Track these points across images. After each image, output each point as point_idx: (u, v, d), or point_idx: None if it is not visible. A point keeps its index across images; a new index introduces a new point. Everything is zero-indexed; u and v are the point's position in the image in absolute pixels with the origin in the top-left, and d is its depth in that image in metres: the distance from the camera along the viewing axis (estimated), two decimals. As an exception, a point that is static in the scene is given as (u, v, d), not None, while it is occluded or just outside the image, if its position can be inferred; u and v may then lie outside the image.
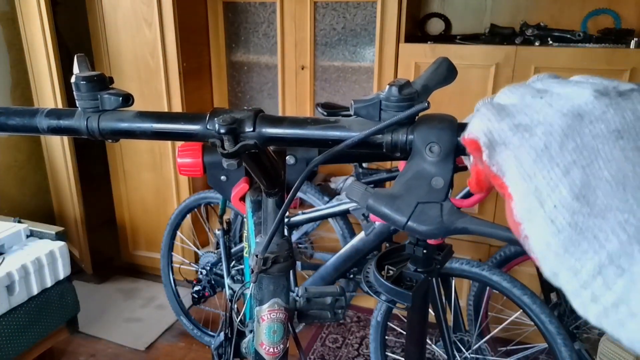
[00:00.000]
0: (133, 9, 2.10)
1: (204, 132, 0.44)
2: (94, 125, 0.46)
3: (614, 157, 0.24)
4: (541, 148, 0.25)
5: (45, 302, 1.76)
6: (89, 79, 0.46)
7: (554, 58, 1.76)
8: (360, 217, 1.59)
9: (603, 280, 0.23)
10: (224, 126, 0.42)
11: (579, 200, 0.23)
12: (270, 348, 0.55)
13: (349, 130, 0.41)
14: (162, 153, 2.30)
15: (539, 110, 0.26)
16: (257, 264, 0.51)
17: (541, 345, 1.60)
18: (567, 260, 0.24)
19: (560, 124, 0.25)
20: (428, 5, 2.22)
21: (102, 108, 0.46)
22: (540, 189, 0.24)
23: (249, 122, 0.43)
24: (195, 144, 0.70)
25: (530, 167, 0.25)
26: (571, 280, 0.24)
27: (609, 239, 0.23)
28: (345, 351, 2.04)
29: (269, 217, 0.54)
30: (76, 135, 0.48)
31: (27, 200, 2.42)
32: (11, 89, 2.28)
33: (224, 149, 0.42)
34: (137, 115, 0.46)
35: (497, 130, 0.27)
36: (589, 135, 0.24)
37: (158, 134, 0.46)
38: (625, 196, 0.23)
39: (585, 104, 0.25)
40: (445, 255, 0.89)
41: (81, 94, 0.46)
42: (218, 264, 1.96)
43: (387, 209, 0.36)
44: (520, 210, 0.25)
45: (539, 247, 0.25)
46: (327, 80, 2.19)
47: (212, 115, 0.44)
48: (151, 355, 2.03)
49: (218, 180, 0.69)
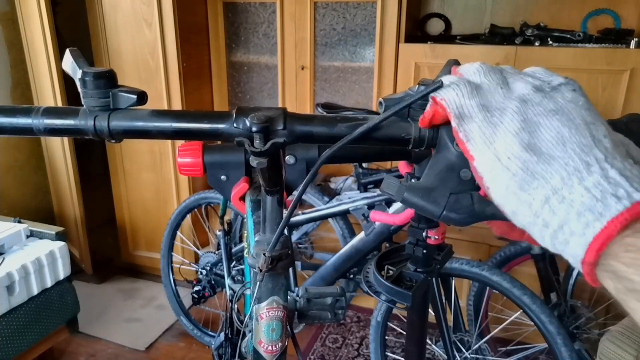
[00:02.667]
0: (133, 9, 2.10)
1: (229, 130, 0.43)
2: (103, 124, 0.43)
3: (553, 126, 0.31)
4: (498, 122, 0.32)
5: (45, 302, 1.76)
6: (99, 75, 0.43)
7: (554, 58, 1.76)
8: (360, 217, 1.58)
9: (549, 207, 0.29)
10: (258, 124, 0.41)
11: (527, 152, 0.30)
12: (269, 346, 0.55)
13: (380, 128, 0.41)
14: (162, 153, 2.30)
15: (497, 99, 0.34)
16: (265, 262, 0.51)
17: (541, 345, 1.60)
18: (522, 196, 0.30)
19: (511, 107, 0.33)
20: (428, 5, 2.22)
21: (113, 106, 0.43)
22: (497, 149, 0.32)
23: (280, 120, 0.42)
24: (196, 143, 0.70)
25: (490, 134, 0.32)
26: (527, 212, 0.30)
27: (553, 177, 0.29)
28: (345, 351, 2.04)
29: (269, 216, 0.54)
30: (79, 135, 0.45)
31: (27, 200, 2.42)
32: (11, 89, 2.28)
33: (255, 147, 0.41)
34: (154, 114, 0.44)
35: (467, 106, 0.34)
36: (532, 114, 0.32)
37: (178, 134, 0.44)
38: (565, 148, 0.29)
39: (527, 94, 0.33)
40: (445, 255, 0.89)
41: (88, 91, 0.43)
42: (218, 264, 1.96)
43: (423, 202, 0.38)
44: (482, 165, 0.32)
45: (500, 191, 0.31)
46: (327, 81, 2.19)
47: (239, 113, 0.43)
48: (151, 355, 2.03)
49: (218, 179, 0.69)
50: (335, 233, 1.87)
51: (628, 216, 0.25)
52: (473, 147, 0.33)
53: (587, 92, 0.33)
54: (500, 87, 0.34)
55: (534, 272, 1.74)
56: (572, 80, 0.34)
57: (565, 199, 0.28)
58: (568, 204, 0.28)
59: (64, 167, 2.33)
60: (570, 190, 0.28)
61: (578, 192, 0.27)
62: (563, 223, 0.28)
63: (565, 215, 0.28)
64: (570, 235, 0.28)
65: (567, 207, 0.28)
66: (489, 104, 0.34)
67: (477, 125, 0.33)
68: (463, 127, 0.34)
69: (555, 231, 0.28)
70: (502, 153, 0.31)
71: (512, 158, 0.30)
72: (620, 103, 1.72)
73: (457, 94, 0.35)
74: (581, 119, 0.31)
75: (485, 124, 0.33)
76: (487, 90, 0.35)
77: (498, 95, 0.34)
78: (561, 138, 0.30)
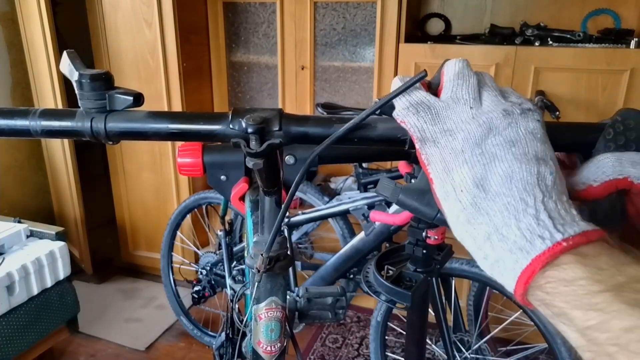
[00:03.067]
0: (133, 9, 2.10)
1: (225, 131, 0.43)
2: (99, 126, 0.43)
3: (507, 159, 0.33)
4: (459, 150, 0.34)
5: (45, 302, 1.76)
6: (95, 77, 0.43)
7: (554, 58, 1.76)
8: (360, 217, 1.58)
9: (490, 244, 0.32)
10: (253, 125, 0.41)
11: (478, 188, 0.33)
12: (268, 346, 0.55)
13: (374, 128, 0.41)
14: (162, 153, 2.30)
15: (464, 120, 0.35)
16: (262, 262, 0.51)
17: (541, 345, 1.60)
18: (469, 229, 0.33)
19: (475, 133, 0.34)
20: (428, 5, 2.22)
21: (110, 108, 0.43)
22: (454, 179, 0.34)
23: (276, 121, 0.42)
24: (196, 143, 0.70)
25: (450, 163, 0.34)
26: (471, 244, 0.34)
27: (496, 215, 0.32)
28: (345, 351, 2.04)
29: (267, 216, 0.54)
30: (76, 137, 0.45)
31: (27, 200, 2.42)
32: (11, 89, 2.28)
33: (250, 148, 0.42)
34: (150, 116, 0.44)
35: (429, 131, 0.35)
36: (491, 144, 0.34)
37: (174, 135, 0.44)
38: (511, 185, 0.32)
39: (495, 119, 0.35)
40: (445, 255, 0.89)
41: (85, 93, 0.43)
42: (218, 264, 1.96)
43: (417, 204, 0.39)
44: (440, 192, 0.35)
45: (452, 218, 0.34)
46: (327, 81, 2.19)
47: (235, 114, 0.43)
48: (151, 355, 2.03)
49: (218, 180, 0.69)
50: (335, 233, 1.87)
51: (549, 255, 0.30)
52: (433, 172, 0.35)
53: (587, 92, 0.34)
54: (470, 106, 0.35)
55: (534, 272, 1.74)
56: (538, 110, 0.36)
57: (504, 237, 0.32)
58: (505, 242, 0.32)
59: (64, 167, 2.32)
60: (508, 230, 0.32)
61: (513, 232, 0.31)
62: (499, 258, 0.32)
63: (501, 252, 0.32)
64: (504, 269, 0.32)
65: (504, 245, 0.32)
66: (453, 126, 0.35)
67: (439, 151, 0.35)
68: (425, 150, 0.36)
69: (492, 264, 0.32)
70: (457, 184, 0.34)
71: (465, 191, 0.33)
72: (620, 103, 1.72)
73: (418, 119, 0.36)
74: (534, 154, 0.34)
75: (447, 152, 0.35)
76: (454, 110, 0.35)
77: (465, 115, 0.35)
78: (510, 173, 0.33)
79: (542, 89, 1.79)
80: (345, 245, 1.68)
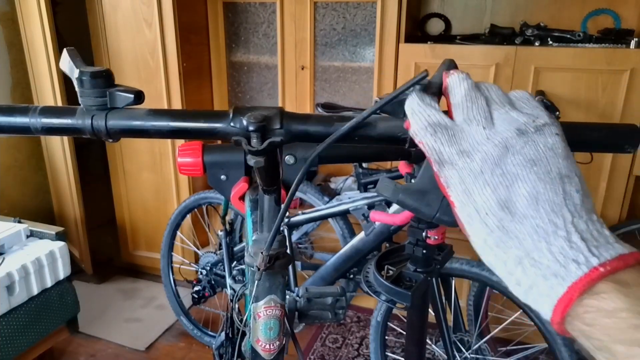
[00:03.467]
0: (133, 9, 2.10)
1: (227, 129, 0.43)
2: (100, 123, 0.43)
3: (530, 180, 0.32)
4: (478, 172, 0.33)
5: (45, 302, 1.76)
6: (96, 75, 0.43)
7: (554, 58, 1.76)
8: (360, 217, 1.58)
9: (522, 269, 0.31)
10: (254, 123, 0.41)
11: (503, 210, 0.32)
12: (266, 345, 0.55)
13: (374, 126, 0.41)
14: (162, 153, 2.30)
15: (479, 141, 0.34)
16: (263, 260, 0.51)
17: (541, 345, 1.60)
18: (498, 253, 0.32)
19: (492, 153, 0.33)
20: (428, 5, 2.22)
21: (110, 105, 0.43)
22: (476, 201, 0.33)
23: (277, 120, 0.42)
24: (196, 143, 0.70)
25: (470, 185, 0.33)
26: (502, 269, 0.32)
27: (525, 239, 0.31)
28: (345, 351, 2.04)
29: (266, 215, 0.54)
30: (76, 135, 0.45)
31: (27, 200, 2.42)
32: (11, 89, 2.29)
33: (252, 146, 0.42)
34: (151, 113, 0.44)
35: (447, 153, 0.35)
36: (511, 164, 0.33)
37: (175, 132, 0.44)
38: (537, 207, 0.31)
39: (510, 138, 0.33)
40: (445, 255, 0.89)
41: (86, 91, 0.43)
42: (218, 264, 1.96)
43: (417, 204, 0.39)
44: (463, 215, 0.34)
45: (479, 242, 0.33)
46: (327, 81, 2.19)
47: (236, 112, 0.43)
48: (151, 355, 2.03)
49: (218, 179, 0.69)
50: (335, 233, 1.87)
51: (585, 282, 0.28)
52: (454, 195, 0.34)
53: (587, 92, 0.34)
54: (483, 126, 0.34)
55: (534, 272, 1.74)
56: (556, 121, 0.35)
57: (536, 262, 0.30)
58: (537, 267, 0.30)
59: (64, 167, 2.32)
60: (540, 255, 0.30)
61: (546, 256, 0.30)
62: (533, 284, 0.31)
63: (535, 278, 0.30)
64: (539, 296, 0.31)
65: (537, 270, 0.30)
66: (470, 148, 0.34)
67: (458, 173, 0.34)
68: (444, 173, 0.35)
69: (526, 290, 0.31)
70: (480, 207, 0.33)
71: (490, 214, 0.32)
72: (620, 103, 1.72)
73: (435, 141, 0.35)
74: (557, 171, 0.32)
75: (466, 173, 0.34)
76: (468, 132, 0.35)
77: (479, 136, 0.34)
78: (535, 195, 0.32)
79: (542, 89, 1.79)
80: (345, 245, 1.67)
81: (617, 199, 1.81)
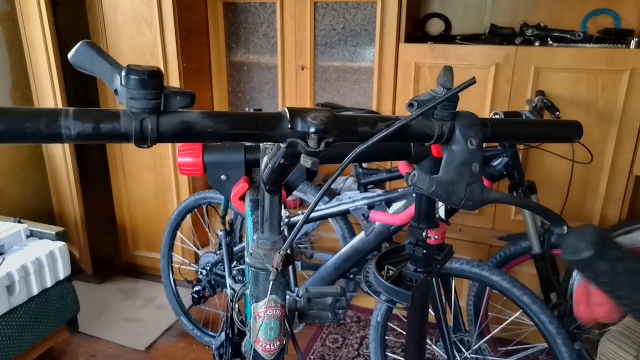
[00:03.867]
0: (133, 9, 2.10)
1: (283, 131, 0.44)
2: (151, 128, 0.40)
3: None
4: None
5: (45, 302, 1.76)
6: (152, 75, 0.39)
7: (554, 58, 1.76)
8: (360, 217, 1.59)
9: None
10: (317, 125, 0.43)
11: None
12: (267, 345, 0.55)
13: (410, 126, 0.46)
14: (162, 153, 2.30)
15: None
16: (280, 260, 0.52)
17: (541, 345, 1.60)
18: None
19: None
20: (428, 5, 2.22)
21: (164, 108, 0.40)
22: None
23: (332, 121, 0.45)
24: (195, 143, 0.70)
25: None
26: None
27: None
28: (345, 351, 2.04)
29: (269, 214, 0.54)
30: (117, 141, 0.40)
31: (27, 200, 2.42)
32: (11, 90, 2.28)
33: (310, 147, 0.43)
34: (206, 116, 0.42)
35: None
36: None
37: (232, 136, 0.43)
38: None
39: None
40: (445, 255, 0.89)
41: (135, 91, 0.39)
42: (218, 264, 1.96)
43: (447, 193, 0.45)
44: None
45: None
46: (327, 81, 2.19)
47: (293, 115, 0.44)
48: (151, 355, 2.03)
49: (218, 179, 0.69)
50: (335, 233, 1.87)
51: None
52: None
53: (587, 92, 0.35)
54: None
55: (534, 272, 1.74)
56: None
57: None
58: None
59: (64, 167, 2.32)
60: None
61: None
62: None
63: None
64: None
65: None
66: None
67: None
68: None
69: None
70: None
71: None
72: (620, 103, 1.72)
73: None
74: None
75: None
76: None
77: None
78: None
79: (542, 89, 1.79)
80: (345, 245, 1.68)
81: (617, 199, 1.81)
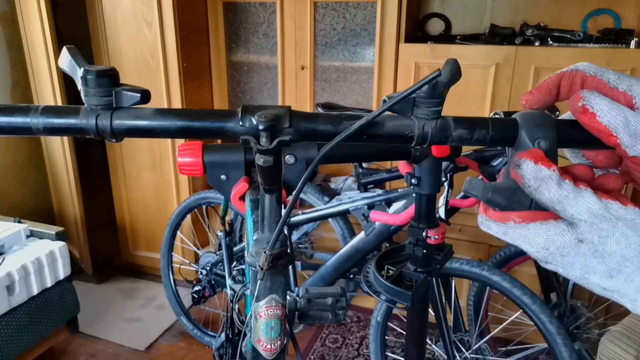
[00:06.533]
0: (133, 9, 2.10)
1: (235, 129, 0.43)
2: (105, 123, 0.43)
3: None
4: None
5: (45, 302, 1.76)
6: (102, 74, 0.42)
7: (554, 58, 1.76)
8: (360, 217, 1.58)
9: None
10: (265, 122, 0.41)
11: None
12: (268, 344, 0.55)
13: (382, 125, 0.41)
14: (162, 153, 2.30)
15: None
16: (266, 260, 0.51)
17: (541, 345, 1.60)
18: None
19: None
20: (428, 5, 2.22)
21: (116, 105, 0.43)
22: None
23: (286, 119, 0.43)
24: (196, 143, 0.70)
25: None
26: None
27: None
28: (345, 351, 2.04)
29: (268, 214, 0.54)
30: (80, 135, 0.44)
31: (27, 200, 2.42)
32: (11, 89, 2.29)
33: (261, 145, 0.42)
34: (157, 113, 0.44)
35: None
36: None
37: (182, 132, 0.44)
38: None
39: None
40: (445, 255, 0.89)
41: (91, 90, 0.42)
42: (218, 264, 1.96)
43: (508, 202, 0.39)
44: None
45: None
46: (327, 80, 2.19)
47: (245, 111, 0.43)
48: (151, 355, 2.03)
49: (218, 179, 0.69)
50: (335, 233, 1.87)
51: None
52: None
53: None
54: None
55: (534, 272, 1.74)
56: None
57: None
58: None
59: (64, 167, 2.33)
60: None
61: None
62: None
63: None
64: None
65: None
66: None
67: None
68: None
69: None
70: None
71: None
72: (620, 103, 1.72)
73: None
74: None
75: None
76: None
77: None
78: None
79: (542, 89, 1.79)
80: (345, 245, 1.68)
81: (617, 199, 1.81)
